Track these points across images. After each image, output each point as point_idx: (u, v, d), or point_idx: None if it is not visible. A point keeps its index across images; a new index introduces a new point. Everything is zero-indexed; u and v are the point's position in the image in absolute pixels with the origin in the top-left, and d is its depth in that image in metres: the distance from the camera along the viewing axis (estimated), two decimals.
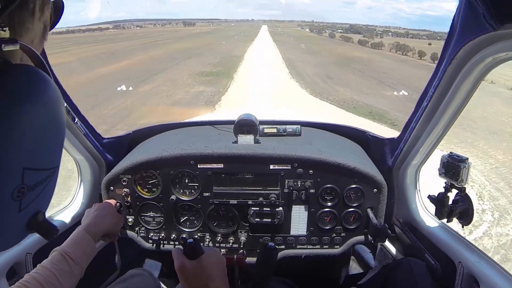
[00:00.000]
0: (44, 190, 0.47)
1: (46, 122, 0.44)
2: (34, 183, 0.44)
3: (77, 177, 1.54)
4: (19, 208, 0.43)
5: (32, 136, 0.42)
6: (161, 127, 1.79)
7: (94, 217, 1.19)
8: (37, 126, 0.42)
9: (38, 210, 0.47)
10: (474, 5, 0.77)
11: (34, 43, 0.48)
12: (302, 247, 1.47)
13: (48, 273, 0.87)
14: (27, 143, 0.41)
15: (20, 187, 0.41)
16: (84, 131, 1.35)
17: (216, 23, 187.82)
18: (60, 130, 0.49)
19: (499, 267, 1.00)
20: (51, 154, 0.47)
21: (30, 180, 0.43)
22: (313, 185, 1.39)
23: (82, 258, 0.98)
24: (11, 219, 0.44)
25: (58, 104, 0.46)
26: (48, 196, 0.50)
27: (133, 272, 1.30)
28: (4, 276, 1.07)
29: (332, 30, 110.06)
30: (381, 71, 29.34)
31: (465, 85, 0.99)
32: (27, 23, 0.46)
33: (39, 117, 0.42)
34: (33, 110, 0.41)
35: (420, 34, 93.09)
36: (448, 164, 1.12)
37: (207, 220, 1.46)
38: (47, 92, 0.44)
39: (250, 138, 1.50)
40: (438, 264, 1.18)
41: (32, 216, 0.46)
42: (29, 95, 0.41)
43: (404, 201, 1.42)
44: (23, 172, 0.41)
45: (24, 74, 0.42)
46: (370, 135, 1.62)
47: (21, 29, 0.45)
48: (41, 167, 0.45)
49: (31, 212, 0.46)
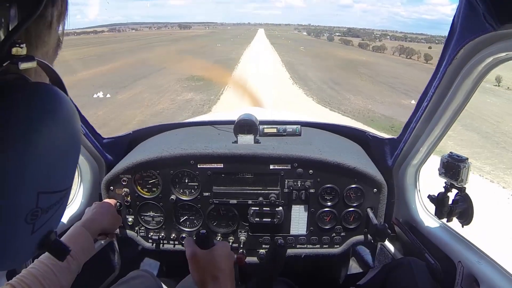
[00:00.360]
0: (56, 211, 0.46)
1: (63, 143, 0.43)
2: (48, 205, 0.43)
3: (77, 177, 1.54)
4: (32, 230, 0.42)
5: (48, 159, 0.40)
6: (161, 127, 1.79)
7: (93, 213, 1.20)
8: (54, 147, 0.41)
9: (50, 230, 0.47)
10: (474, 5, 0.77)
11: (49, 55, 0.47)
12: (302, 247, 1.47)
13: (45, 268, 0.87)
14: (43, 167, 0.40)
15: (34, 211, 0.40)
16: (84, 131, 1.35)
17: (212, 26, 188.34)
18: (76, 150, 0.48)
19: (499, 267, 1.00)
20: (66, 175, 0.46)
21: (44, 203, 0.42)
22: (313, 185, 1.39)
23: (80, 253, 0.98)
24: (23, 241, 0.43)
25: (74, 123, 0.45)
26: (60, 215, 0.49)
27: (135, 273, 1.30)
28: (4, 275, 1.07)
29: (330, 33, 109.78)
30: (391, 76, 27.56)
31: (465, 85, 0.99)
32: (44, 36, 0.44)
33: (56, 138, 0.41)
34: (51, 132, 0.40)
35: (418, 38, 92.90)
36: (448, 164, 1.12)
37: (207, 219, 1.46)
38: (64, 111, 0.43)
39: (250, 138, 1.50)
40: (438, 264, 1.18)
41: (44, 237, 0.46)
42: (46, 115, 0.39)
43: (404, 201, 1.43)
44: (37, 197, 0.40)
45: (42, 92, 0.41)
46: (370, 135, 1.62)
47: (37, 42, 0.43)
48: (56, 189, 0.44)
49: (43, 233, 0.45)
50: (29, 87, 0.41)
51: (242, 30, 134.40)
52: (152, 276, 1.32)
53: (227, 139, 1.54)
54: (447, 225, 1.24)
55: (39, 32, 0.43)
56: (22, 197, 0.39)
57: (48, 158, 0.40)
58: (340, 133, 1.75)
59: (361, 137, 1.67)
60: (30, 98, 0.39)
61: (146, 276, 1.30)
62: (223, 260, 0.90)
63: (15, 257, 0.44)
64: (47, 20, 0.44)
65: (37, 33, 0.43)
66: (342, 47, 67.65)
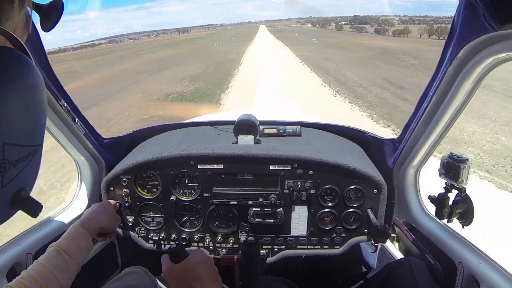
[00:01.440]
0: (27, 167, 0.47)
1: (26, 100, 0.45)
2: (16, 158, 0.44)
3: (77, 178, 1.54)
4: (1, 183, 0.43)
5: (11, 114, 0.42)
6: (161, 127, 1.79)
7: (91, 213, 1.20)
8: (17, 104, 0.43)
9: (22, 187, 0.48)
10: (474, 5, 0.77)
11: (17, 33, 0.49)
12: (303, 247, 1.47)
13: (44, 269, 0.87)
14: (7, 120, 0.42)
15: (1, 162, 0.42)
16: (84, 131, 1.35)
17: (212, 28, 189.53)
18: (40, 109, 0.49)
19: (500, 268, 1.00)
20: (33, 132, 0.48)
21: (11, 155, 0.43)
22: (313, 185, 1.39)
23: (78, 253, 0.98)
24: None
25: (38, 85, 0.47)
26: (32, 174, 0.50)
27: (129, 270, 1.31)
28: (4, 276, 1.07)
29: (336, 23, 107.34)
30: None
31: (466, 86, 0.99)
32: (6, 10, 0.46)
33: (19, 95, 0.43)
34: (13, 89, 0.42)
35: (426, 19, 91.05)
36: (448, 164, 1.12)
37: (207, 220, 1.46)
38: (26, 71, 0.45)
39: (250, 139, 1.50)
40: (438, 264, 1.18)
41: (15, 193, 0.47)
42: (9, 74, 0.42)
43: (404, 201, 1.42)
44: (3, 147, 0.42)
45: (4, 54, 0.43)
46: (370, 135, 1.62)
47: (1, 16, 0.45)
48: (22, 143, 0.46)
49: (14, 188, 0.46)
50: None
51: (243, 28, 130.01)
52: (146, 272, 1.32)
53: (227, 140, 1.54)
54: (448, 226, 1.24)
55: (1, 5, 0.45)
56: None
57: (11, 112, 0.42)
58: (340, 134, 1.75)
59: (361, 137, 1.67)
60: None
61: (139, 272, 1.30)
62: (198, 268, 0.92)
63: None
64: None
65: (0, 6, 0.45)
66: (356, 34, 59.66)
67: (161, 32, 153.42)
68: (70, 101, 1.24)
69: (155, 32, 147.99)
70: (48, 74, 1.12)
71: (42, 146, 0.51)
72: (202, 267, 0.93)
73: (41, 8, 0.56)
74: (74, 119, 1.27)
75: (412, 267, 1.16)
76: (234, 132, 1.51)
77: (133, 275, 1.27)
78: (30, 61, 0.46)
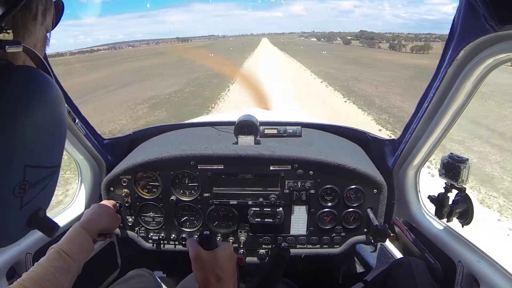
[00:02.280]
0: (45, 188, 0.48)
1: (48, 121, 0.45)
2: (35, 180, 0.45)
3: (77, 178, 1.54)
4: (20, 204, 0.44)
5: (33, 135, 0.43)
6: (161, 128, 1.79)
7: (91, 214, 1.20)
8: (39, 125, 0.43)
9: (39, 208, 0.48)
10: (475, 6, 0.78)
11: (37, 48, 0.49)
12: (302, 247, 1.47)
13: (45, 270, 0.87)
14: (28, 141, 0.42)
15: (22, 183, 0.43)
16: (85, 131, 1.35)
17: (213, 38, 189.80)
18: (61, 130, 0.50)
19: (499, 267, 1.00)
20: (52, 153, 0.49)
21: (31, 177, 0.44)
22: (313, 185, 1.39)
23: (79, 254, 0.98)
24: (13, 215, 0.45)
25: (59, 104, 0.48)
26: (49, 194, 0.51)
27: (134, 272, 1.30)
28: (4, 276, 1.07)
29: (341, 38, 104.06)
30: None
31: (466, 86, 0.99)
32: (30, 26, 0.47)
33: (40, 116, 0.44)
34: (35, 109, 0.42)
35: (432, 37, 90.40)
36: (448, 164, 1.13)
37: (207, 220, 1.46)
38: (48, 92, 0.45)
39: (250, 139, 1.50)
40: (438, 264, 1.19)
41: (33, 213, 0.47)
42: (31, 95, 0.42)
43: (404, 201, 1.43)
44: (24, 169, 0.42)
45: (27, 74, 0.43)
46: (370, 136, 1.62)
47: (24, 32, 0.46)
48: (42, 165, 0.46)
49: (32, 209, 0.47)
50: (15, 68, 0.43)
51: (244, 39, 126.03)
52: (151, 275, 1.32)
53: (227, 140, 1.54)
54: (447, 225, 1.24)
55: (25, 21, 0.46)
56: (9, 169, 0.41)
57: (33, 134, 0.43)
58: (341, 134, 1.75)
59: (362, 138, 1.67)
60: (15, 78, 0.42)
61: (145, 275, 1.30)
62: (226, 261, 0.90)
63: (5, 231, 0.46)
64: (32, 11, 0.47)
65: (23, 22, 0.46)
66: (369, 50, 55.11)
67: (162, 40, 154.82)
68: (70, 101, 1.24)
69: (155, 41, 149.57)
70: (48, 74, 1.12)
71: (60, 166, 0.52)
72: (230, 261, 0.92)
73: None
74: (75, 119, 1.27)
75: (411, 267, 1.17)
76: (234, 133, 1.51)
77: (138, 278, 1.27)
78: (50, 79, 0.46)
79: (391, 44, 60.97)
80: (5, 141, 0.40)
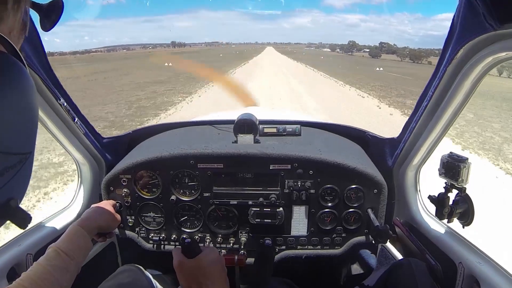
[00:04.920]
0: (16, 176, 0.45)
1: (16, 107, 0.43)
2: (3, 167, 0.42)
3: (77, 178, 1.54)
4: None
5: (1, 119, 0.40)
6: (161, 127, 1.79)
7: (90, 213, 1.20)
8: (6, 109, 0.41)
9: (10, 197, 0.45)
10: (474, 5, 0.77)
11: (12, 35, 0.47)
12: (303, 248, 1.47)
13: (43, 270, 0.87)
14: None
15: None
16: (84, 130, 1.35)
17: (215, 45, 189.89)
18: (32, 116, 0.48)
19: (500, 268, 1.00)
20: (22, 139, 0.46)
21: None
22: (313, 185, 1.39)
23: (77, 253, 0.97)
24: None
25: (28, 89, 0.45)
26: (22, 183, 0.48)
27: (123, 268, 1.31)
28: (4, 277, 1.07)
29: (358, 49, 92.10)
30: None
31: (465, 85, 0.99)
32: (1, 12, 0.44)
33: (7, 101, 0.41)
34: (2, 96, 0.40)
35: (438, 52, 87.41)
36: (448, 164, 1.12)
37: (207, 220, 1.46)
38: (18, 78, 0.43)
39: (250, 138, 1.50)
40: (438, 265, 1.18)
41: (3, 203, 0.44)
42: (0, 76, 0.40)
43: (405, 201, 1.42)
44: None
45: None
46: (370, 135, 1.62)
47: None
48: (11, 151, 0.43)
49: (2, 198, 0.44)
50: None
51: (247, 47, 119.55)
52: (140, 270, 1.32)
53: (227, 139, 1.54)
54: (448, 226, 1.24)
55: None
56: None
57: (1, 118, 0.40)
58: (340, 133, 1.75)
59: (361, 137, 1.67)
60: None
61: (133, 269, 1.30)
62: (210, 266, 0.91)
63: None
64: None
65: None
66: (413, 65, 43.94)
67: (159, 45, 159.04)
68: (69, 100, 1.24)
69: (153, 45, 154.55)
70: (47, 73, 1.12)
71: (33, 153, 0.49)
72: (215, 265, 0.92)
73: (41, 8, 0.55)
74: (74, 118, 1.27)
75: (412, 268, 1.16)
76: (234, 132, 1.51)
77: (127, 273, 1.27)
78: (22, 66, 0.45)
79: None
80: None
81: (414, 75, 26.09)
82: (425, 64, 50.49)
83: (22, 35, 0.51)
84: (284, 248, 1.47)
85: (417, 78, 23.14)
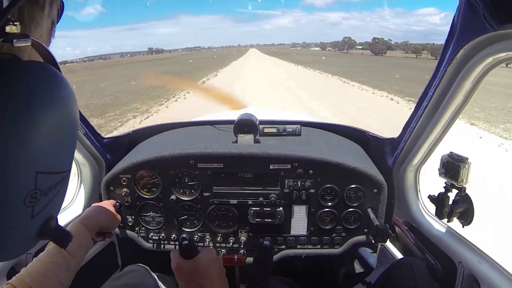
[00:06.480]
0: (56, 195, 0.44)
1: (60, 121, 0.41)
2: (47, 187, 0.41)
3: (77, 177, 1.54)
4: (32, 214, 0.40)
5: (45, 138, 0.39)
6: (161, 126, 1.79)
7: (91, 211, 1.20)
8: (52, 127, 0.39)
9: (51, 216, 0.45)
10: (474, 5, 0.77)
11: (43, 40, 0.46)
12: (303, 247, 1.47)
13: (43, 266, 0.86)
14: (40, 145, 0.38)
15: (33, 192, 0.39)
16: (84, 130, 1.35)
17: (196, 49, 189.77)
18: (74, 131, 0.46)
19: (500, 267, 1.00)
20: (65, 156, 0.45)
21: (43, 184, 0.40)
22: (313, 185, 1.39)
23: (78, 251, 0.97)
24: (23, 227, 0.41)
25: (72, 102, 0.43)
26: (59, 201, 0.47)
27: (130, 268, 1.31)
28: (4, 276, 1.07)
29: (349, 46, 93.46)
30: None
31: (465, 85, 0.99)
32: (37, 17, 0.43)
33: (52, 116, 0.39)
34: (47, 109, 0.38)
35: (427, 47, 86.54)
36: (448, 164, 1.12)
37: (207, 220, 1.46)
38: (60, 89, 0.41)
39: (250, 138, 1.50)
40: (438, 264, 1.18)
41: (44, 223, 0.44)
42: (42, 94, 0.38)
43: (404, 201, 1.42)
44: (36, 176, 0.38)
45: (38, 71, 0.39)
46: (370, 135, 1.62)
47: (31, 24, 0.42)
48: (55, 170, 0.42)
49: (43, 218, 0.43)
50: (24, 64, 0.39)
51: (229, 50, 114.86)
52: (147, 270, 1.32)
53: (227, 139, 1.54)
54: (448, 225, 1.24)
55: (32, 12, 0.42)
56: (20, 177, 0.37)
57: (46, 137, 0.39)
58: (340, 133, 1.75)
59: (361, 137, 1.67)
60: (23, 75, 0.37)
61: (140, 270, 1.30)
62: (208, 267, 0.91)
63: (15, 244, 0.42)
64: (40, 1, 0.43)
65: (30, 13, 0.42)
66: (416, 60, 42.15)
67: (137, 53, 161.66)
68: None
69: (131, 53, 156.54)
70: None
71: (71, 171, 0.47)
72: (213, 266, 0.92)
73: None
74: None
75: (412, 267, 1.16)
76: (234, 132, 1.51)
77: (134, 273, 1.27)
78: (62, 76, 0.42)
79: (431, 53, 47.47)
80: (15, 147, 0.35)
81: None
82: None
83: (50, 39, 0.49)
84: (284, 248, 1.47)
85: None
